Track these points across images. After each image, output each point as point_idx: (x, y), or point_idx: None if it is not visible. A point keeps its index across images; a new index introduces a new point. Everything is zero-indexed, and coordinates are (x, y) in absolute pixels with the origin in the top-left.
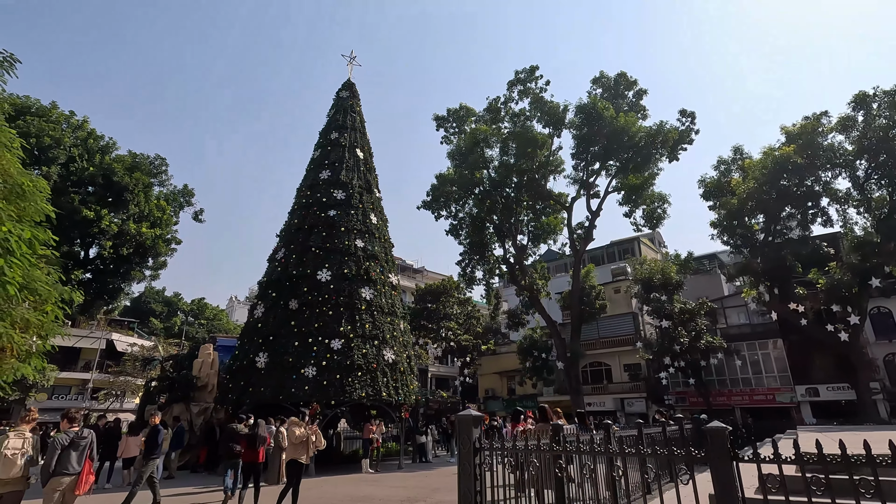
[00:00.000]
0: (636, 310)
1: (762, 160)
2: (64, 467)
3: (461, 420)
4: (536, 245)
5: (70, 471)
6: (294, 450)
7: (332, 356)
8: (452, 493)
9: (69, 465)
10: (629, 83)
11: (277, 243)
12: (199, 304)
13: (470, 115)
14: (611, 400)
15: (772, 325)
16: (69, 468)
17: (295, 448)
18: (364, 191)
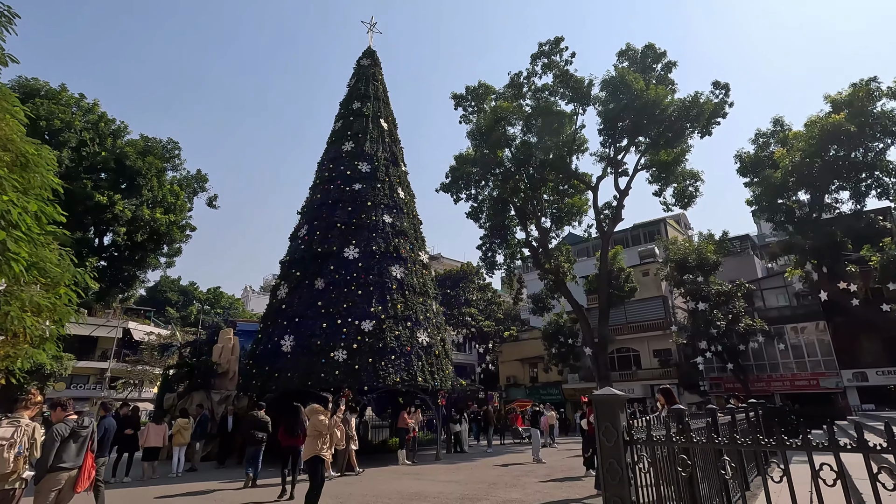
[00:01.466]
0: (666, 293)
1: (808, 130)
2: (63, 461)
3: (601, 402)
4: (559, 227)
5: (69, 465)
6: (314, 443)
7: (363, 338)
8: (512, 489)
9: (69, 458)
10: (657, 55)
11: (299, 220)
12: (214, 292)
13: (489, 92)
14: (639, 387)
15: (814, 307)
16: (68, 462)
17: (315, 441)
18: (390, 163)
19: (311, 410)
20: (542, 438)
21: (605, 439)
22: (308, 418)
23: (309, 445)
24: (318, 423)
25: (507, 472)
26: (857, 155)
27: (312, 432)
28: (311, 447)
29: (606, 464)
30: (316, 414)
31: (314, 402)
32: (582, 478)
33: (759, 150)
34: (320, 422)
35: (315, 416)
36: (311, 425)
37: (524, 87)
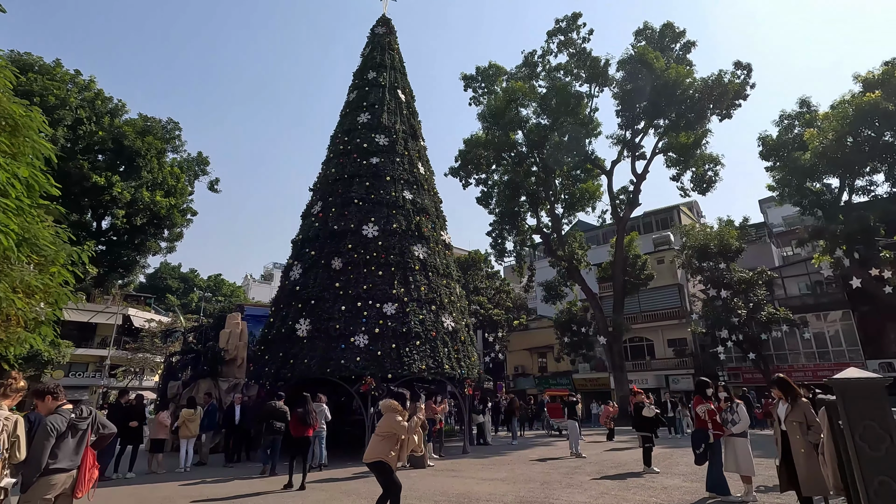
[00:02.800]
0: (681, 281)
1: (841, 110)
2: (59, 462)
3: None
4: (572, 213)
5: (66, 465)
6: (383, 447)
7: (386, 322)
8: (572, 490)
9: (65, 457)
10: (676, 35)
11: (312, 197)
12: (215, 280)
13: (500, 73)
14: (653, 377)
15: (838, 295)
16: (65, 462)
17: (385, 444)
18: (409, 136)
19: (387, 408)
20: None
21: (864, 445)
22: (382, 414)
23: (377, 447)
24: (394, 424)
25: (551, 469)
26: (892, 136)
27: (385, 432)
28: (379, 450)
29: (875, 481)
30: (392, 413)
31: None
32: (642, 474)
33: (783, 133)
34: (397, 423)
35: (391, 416)
36: (386, 425)
37: (538, 67)
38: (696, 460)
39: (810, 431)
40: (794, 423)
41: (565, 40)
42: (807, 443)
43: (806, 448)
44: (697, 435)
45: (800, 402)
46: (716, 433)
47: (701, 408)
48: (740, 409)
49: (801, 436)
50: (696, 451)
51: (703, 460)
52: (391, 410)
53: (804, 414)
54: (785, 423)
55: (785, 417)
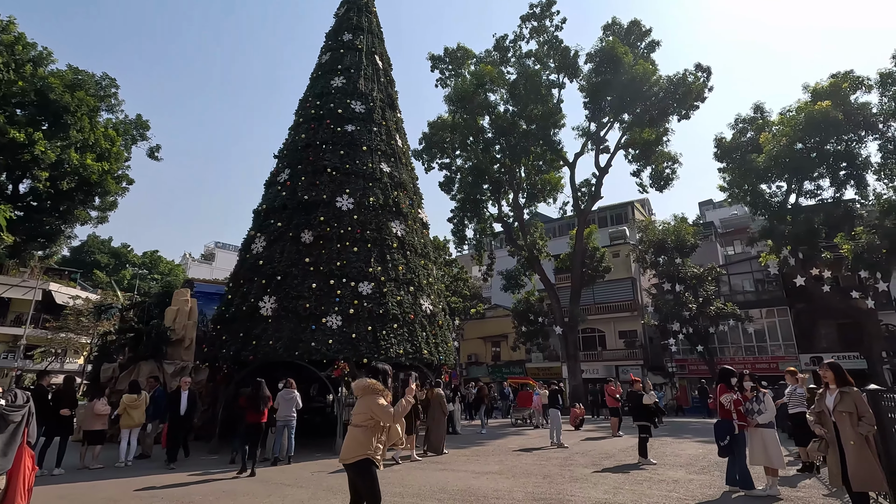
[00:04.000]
0: (635, 275)
1: (792, 117)
2: None
3: None
4: (533, 204)
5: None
6: (364, 439)
7: (361, 303)
8: (580, 484)
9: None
10: (642, 33)
11: (277, 164)
12: (151, 257)
13: (468, 56)
14: (602, 367)
15: (777, 293)
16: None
17: (366, 435)
18: (386, 106)
19: (365, 388)
20: (534, 419)
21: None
22: (357, 398)
23: (357, 440)
24: (376, 408)
25: (543, 461)
26: (834, 145)
27: (364, 420)
28: (361, 443)
29: None
30: (373, 395)
31: (290, 376)
32: (641, 465)
33: (737, 136)
34: (380, 407)
35: (371, 400)
36: (364, 410)
37: (510, 52)
38: (721, 452)
39: (861, 422)
40: (843, 414)
41: (538, 27)
42: (857, 434)
43: (857, 440)
44: (722, 426)
45: (851, 392)
46: (740, 424)
47: (726, 398)
48: (766, 399)
49: (852, 427)
50: (720, 442)
51: (728, 453)
52: (371, 392)
53: (855, 404)
54: (833, 413)
55: (833, 407)
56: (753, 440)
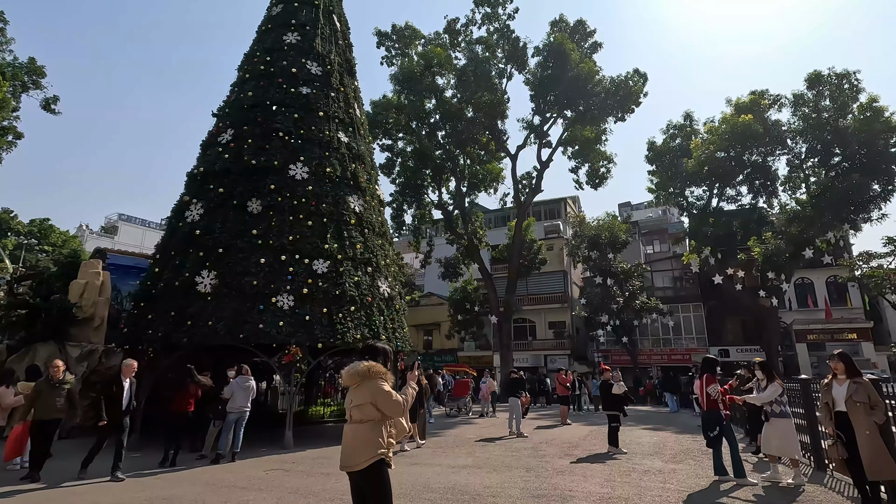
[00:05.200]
0: (566, 268)
1: (719, 127)
2: None
3: None
4: (474, 193)
5: None
6: (372, 435)
7: (316, 282)
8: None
9: None
10: (586, 33)
11: (218, 123)
12: (41, 225)
13: (416, 36)
14: (531, 357)
15: (693, 290)
16: None
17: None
18: (345, 72)
19: (366, 374)
20: (483, 407)
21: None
22: (351, 387)
23: (364, 439)
24: (381, 396)
25: (512, 451)
26: (750, 156)
27: (368, 414)
28: (367, 443)
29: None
30: (377, 381)
31: (225, 360)
32: (614, 455)
33: (667, 140)
34: (385, 395)
35: (376, 386)
36: (367, 399)
37: (460, 36)
38: (709, 443)
39: (874, 411)
40: (857, 404)
41: (491, 13)
42: (872, 423)
43: (871, 429)
44: (710, 416)
45: (863, 382)
46: (726, 414)
47: (713, 388)
48: (772, 387)
49: (865, 416)
50: (709, 433)
51: (717, 444)
52: (372, 377)
53: (868, 394)
54: (846, 404)
55: (846, 397)
56: (769, 430)
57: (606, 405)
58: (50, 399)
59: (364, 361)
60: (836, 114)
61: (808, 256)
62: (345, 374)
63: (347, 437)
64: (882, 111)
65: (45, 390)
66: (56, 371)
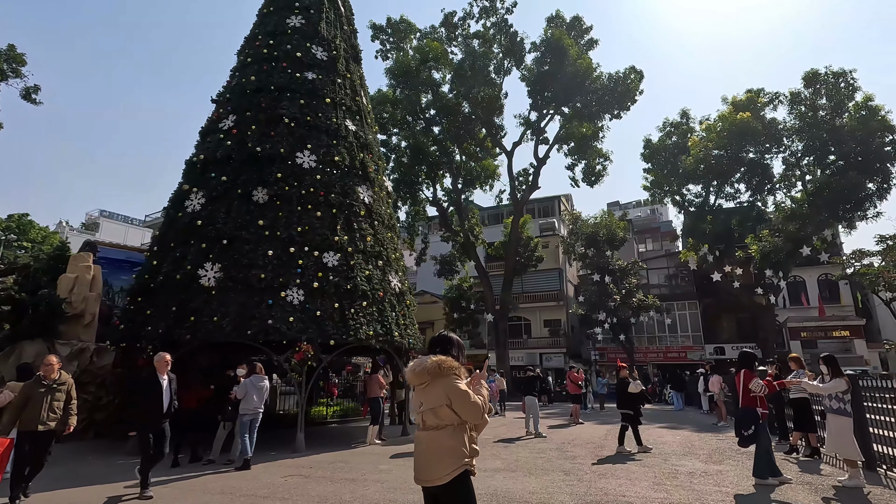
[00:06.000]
0: (562, 266)
1: (716, 125)
2: None
3: None
4: (469, 189)
5: None
6: (455, 442)
7: (327, 276)
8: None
9: None
10: (583, 30)
11: (218, 109)
12: (20, 221)
13: (411, 31)
14: (526, 355)
15: (689, 288)
16: None
17: (454, 438)
18: (350, 58)
19: (433, 370)
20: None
21: None
22: (418, 386)
23: (444, 448)
24: (459, 397)
25: (538, 452)
26: (748, 154)
27: (447, 418)
28: (451, 452)
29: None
30: (447, 377)
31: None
32: (634, 454)
33: (664, 138)
34: (464, 395)
35: (448, 383)
36: (443, 400)
37: (457, 30)
38: (742, 442)
39: None
40: None
41: (489, 7)
42: None
43: None
44: (746, 414)
45: None
46: (763, 412)
47: (755, 384)
48: (837, 381)
49: None
50: (744, 432)
51: (751, 443)
52: (448, 374)
53: None
54: None
55: None
56: (830, 427)
57: (622, 404)
58: (43, 404)
59: (433, 355)
60: (832, 112)
61: (805, 254)
62: (410, 372)
63: (423, 447)
64: (878, 110)
65: (36, 394)
66: (50, 369)
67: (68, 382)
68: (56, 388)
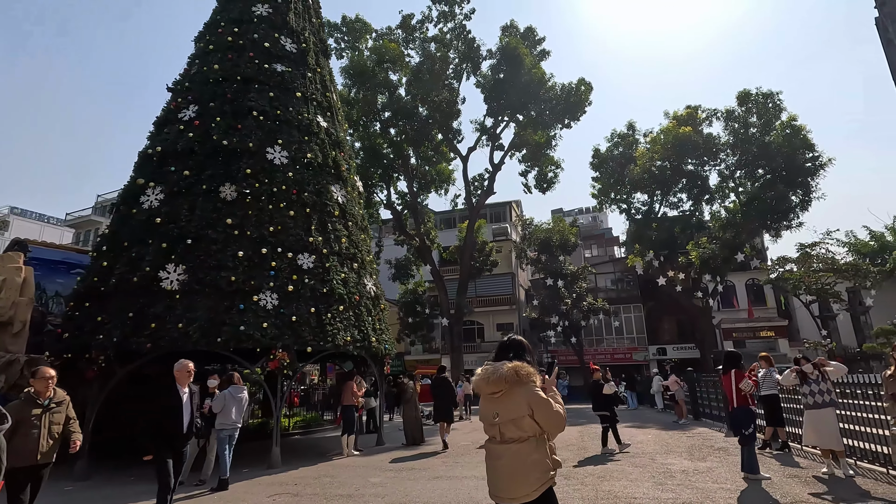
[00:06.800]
0: (514, 270)
1: (660, 137)
2: None
3: None
4: (425, 193)
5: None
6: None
7: (302, 278)
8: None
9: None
10: (535, 40)
11: (176, 99)
12: None
13: (367, 30)
14: (479, 359)
15: (634, 292)
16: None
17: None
18: (320, 52)
19: (508, 377)
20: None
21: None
22: (492, 395)
23: (530, 462)
24: (541, 406)
25: None
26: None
27: (529, 429)
28: (537, 466)
29: None
30: (526, 385)
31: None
32: (617, 453)
33: (611, 148)
34: (546, 404)
35: (526, 391)
36: (524, 409)
37: (416, 32)
38: (742, 440)
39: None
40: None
41: (447, 12)
42: None
43: None
44: (743, 413)
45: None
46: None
47: (745, 384)
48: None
49: None
50: (744, 431)
51: (751, 440)
52: (527, 381)
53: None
54: None
55: None
56: (810, 421)
57: (598, 406)
58: (41, 429)
59: (508, 361)
60: (761, 130)
61: (739, 260)
62: (482, 380)
63: (506, 461)
64: (800, 129)
65: (29, 417)
66: (44, 384)
67: (66, 400)
68: (54, 409)
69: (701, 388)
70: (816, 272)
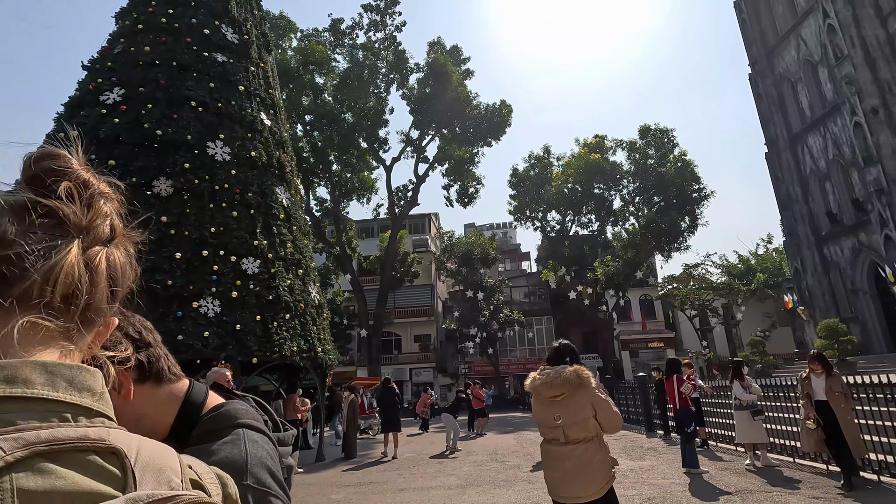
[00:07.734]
0: (434, 282)
1: (572, 162)
2: None
3: None
4: (346, 201)
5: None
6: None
7: (246, 284)
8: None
9: None
10: (460, 59)
11: (94, 78)
12: None
13: (291, 29)
14: (395, 371)
15: (545, 305)
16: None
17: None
18: (263, 47)
19: (569, 380)
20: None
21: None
22: (552, 397)
23: (595, 462)
24: (603, 407)
25: (476, 464)
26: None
27: (592, 429)
28: (602, 466)
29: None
30: (588, 387)
31: None
32: None
33: (528, 169)
34: (607, 405)
35: (588, 393)
36: (587, 412)
37: (345, 38)
38: (686, 439)
39: (848, 400)
40: (837, 394)
41: (379, 21)
42: (851, 410)
43: (851, 415)
44: (685, 414)
45: (836, 375)
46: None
47: (685, 387)
48: (753, 387)
49: (847, 404)
50: (686, 429)
51: (693, 437)
52: (588, 383)
53: (842, 386)
54: (826, 394)
55: (827, 389)
56: (740, 422)
57: None
58: None
59: (569, 365)
60: (658, 161)
61: (637, 277)
62: (543, 384)
63: (573, 462)
64: (690, 164)
65: None
66: None
67: None
68: None
69: (618, 395)
70: (698, 290)
